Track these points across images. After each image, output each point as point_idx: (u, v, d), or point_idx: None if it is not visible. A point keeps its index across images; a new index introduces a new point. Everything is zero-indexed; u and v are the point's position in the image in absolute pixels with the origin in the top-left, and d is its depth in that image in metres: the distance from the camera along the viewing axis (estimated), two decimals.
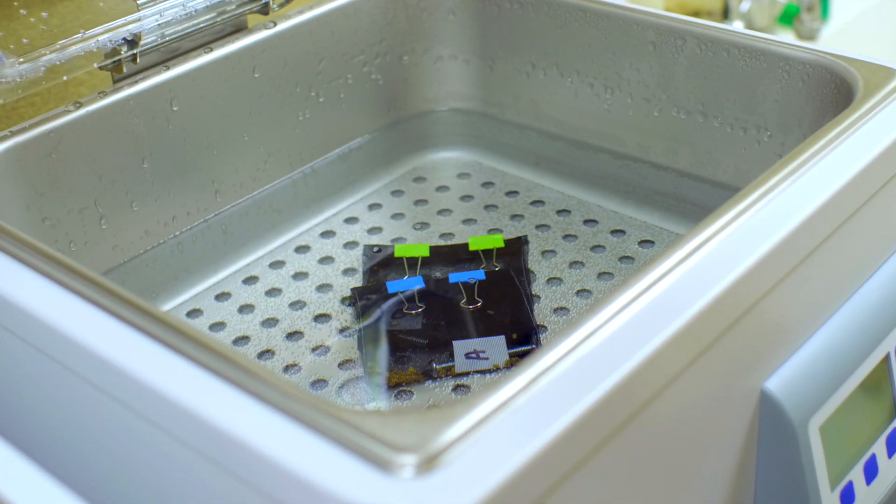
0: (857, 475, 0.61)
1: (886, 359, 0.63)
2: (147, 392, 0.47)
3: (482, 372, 0.68)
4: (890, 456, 0.64)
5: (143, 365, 0.47)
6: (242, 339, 0.71)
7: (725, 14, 1.51)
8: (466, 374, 0.67)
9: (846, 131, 0.61)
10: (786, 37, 0.79)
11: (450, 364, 0.68)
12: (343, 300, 0.74)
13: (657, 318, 0.48)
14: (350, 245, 0.80)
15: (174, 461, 0.48)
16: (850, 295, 0.63)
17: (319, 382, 0.68)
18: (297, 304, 0.74)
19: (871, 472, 0.62)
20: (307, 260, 0.79)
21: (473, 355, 0.68)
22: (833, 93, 0.70)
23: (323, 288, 0.76)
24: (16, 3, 0.72)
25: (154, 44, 0.73)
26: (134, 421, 0.49)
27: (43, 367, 0.53)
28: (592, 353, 0.47)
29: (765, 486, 0.59)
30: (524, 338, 0.69)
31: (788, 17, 1.55)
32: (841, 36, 1.57)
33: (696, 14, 1.48)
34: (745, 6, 1.50)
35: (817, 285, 0.59)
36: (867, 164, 0.59)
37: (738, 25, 1.47)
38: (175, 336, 0.48)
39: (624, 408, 0.46)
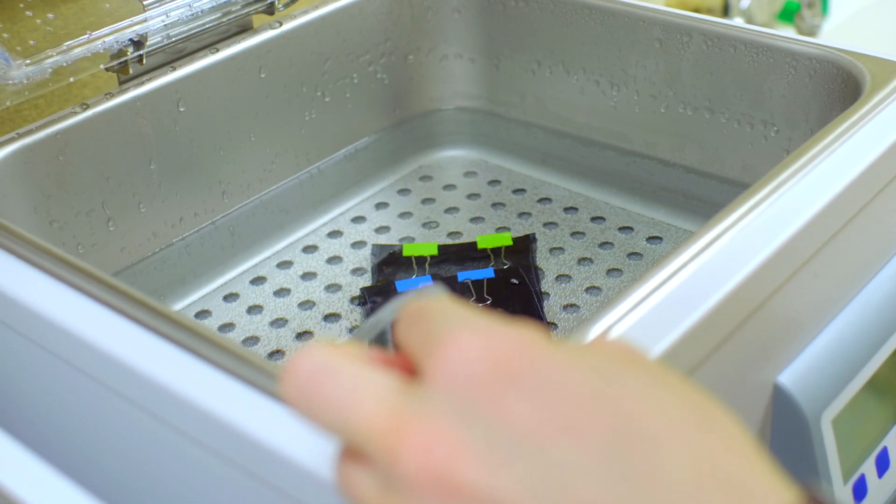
0: (869, 468, 0.61)
1: None
2: (163, 393, 0.47)
3: None
4: None
5: (159, 366, 0.47)
6: (252, 340, 0.71)
7: (725, 11, 1.51)
8: None
9: (854, 126, 0.61)
10: (789, 33, 0.79)
11: None
12: (352, 300, 0.74)
13: (671, 315, 0.48)
14: (358, 244, 0.80)
15: (190, 462, 0.48)
16: (861, 289, 0.63)
17: None
18: (307, 304, 0.74)
19: (882, 465, 0.62)
20: (315, 260, 0.79)
21: None
22: (840, 88, 0.70)
23: (331, 288, 0.76)
24: (21, 5, 0.72)
25: (160, 45, 0.73)
26: (150, 423, 0.49)
27: (55, 369, 0.53)
28: None
29: None
30: None
31: (789, 14, 1.55)
32: (841, 31, 1.57)
33: (697, 11, 1.48)
34: (745, 3, 1.50)
35: (828, 280, 0.59)
36: (876, 159, 0.59)
37: (738, 22, 1.47)
38: (189, 336, 0.48)
39: None
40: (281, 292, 0.76)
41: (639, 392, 0.30)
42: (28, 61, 0.68)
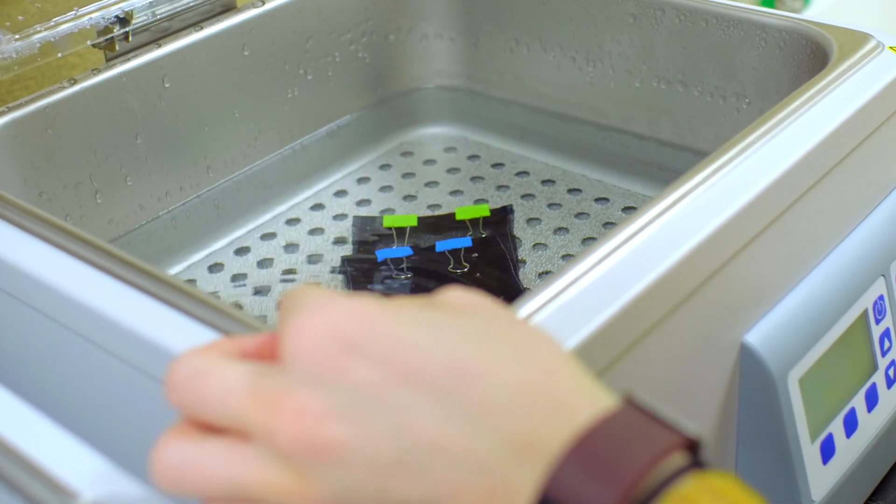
0: (836, 428, 0.62)
1: (864, 314, 0.64)
2: (151, 348, 0.48)
3: None
4: (870, 410, 0.65)
5: (147, 322, 0.49)
6: (236, 307, 0.73)
7: None
8: None
9: (820, 93, 0.62)
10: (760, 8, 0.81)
11: None
12: (333, 270, 0.76)
13: (632, 271, 0.50)
14: (339, 217, 0.82)
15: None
16: (829, 252, 0.64)
17: None
18: (289, 274, 0.76)
19: (850, 425, 0.63)
20: (298, 232, 0.80)
21: None
22: (809, 58, 0.72)
23: (313, 258, 0.77)
24: None
25: (145, 22, 0.74)
26: (139, 378, 0.50)
27: (43, 328, 0.54)
28: (572, 300, 0.48)
29: (746, 437, 0.60)
30: (510, 300, 0.71)
31: (770, 1, 1.57)
32: (822, 18, 1.58)
33: None
34: None
35: (795, 241, 0.60)
36: (841, 124, 0.60)
37: None
38: (177, 295, 0.49)
39: (603, 355, 0.48)
40: (264, 263, 0.77)
41: (463, 338, 0.35)
42: (17, 36, 0.69)
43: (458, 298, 0.37)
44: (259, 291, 0.74)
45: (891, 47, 0.67)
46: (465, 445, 0.33)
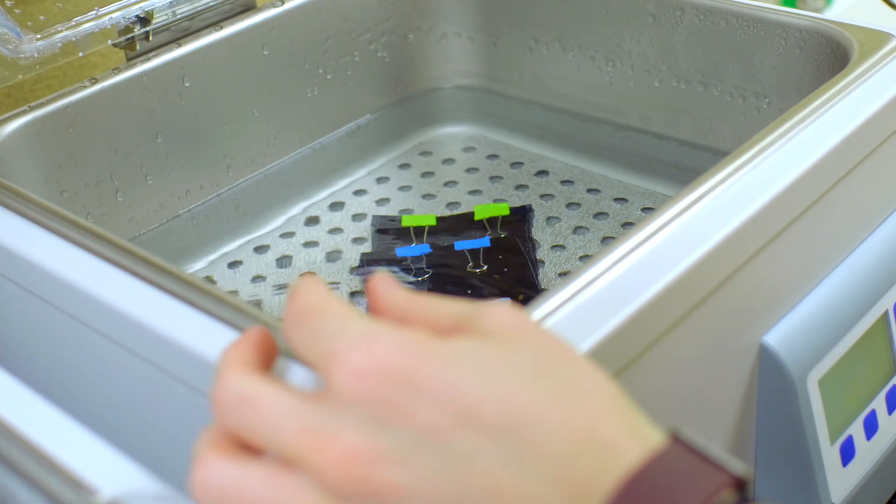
0: (857, 430, 0.62)
1: (885, 316, 0.64)
2: (165, 343, 0.48)
3: None
4: (890, 412, 0.65)
5: (163, 319, 0.49)
6: (255, 304, 0.73)
7: None
8: None
9: (841, 92, 0.62)
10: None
11: None
12: (352, 269, 0.76)
13: (653, 269, 0.50)
14: (358, 216, 0.82)
15: (190, 409, 0.50)
16: (849, 253, 0.64)
17: None
18: (308, 273, 0.76)
19: (871, 427, 0.63)
20: (317, 231, 0.81)
21: None
22: (829, 58, 0.71)
23: (332, 256, 0.78)
24: None
25: (165, 22, 0.75)
26: (152, 372, 0.51)
27: (63, 325, 0.55)
28: (590, 301, 0.48)
29: (765, 439, 0.60)
30: (529, 301, 0.71)
31: (792, 1, 1.56)
32: (843, 17, 1.57)
33: None
34: None
35: (814, 242, 0.60)
36: (862, 124, 0.60)
37: None
38: (195, 293, 0.50)
39: (621, 356, 0.48)
40: (283, 261, 0.77)
41: (515, 377, 0.34)
42: (38, 36, 0.70)
43: (504, 321, 0.37)
44: (278, 289, 0.75)
45: None
46: (523, 490, 0.33)
